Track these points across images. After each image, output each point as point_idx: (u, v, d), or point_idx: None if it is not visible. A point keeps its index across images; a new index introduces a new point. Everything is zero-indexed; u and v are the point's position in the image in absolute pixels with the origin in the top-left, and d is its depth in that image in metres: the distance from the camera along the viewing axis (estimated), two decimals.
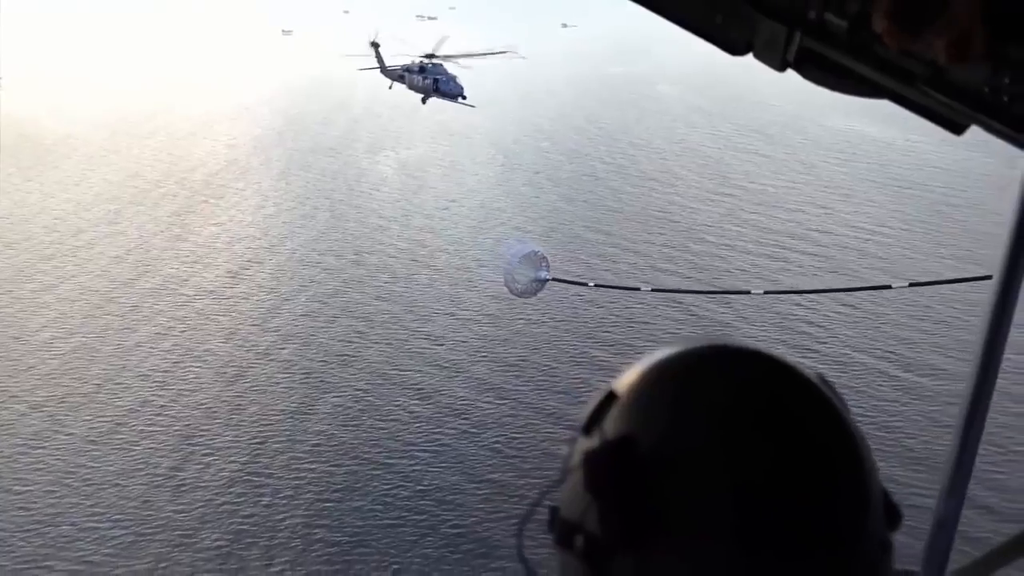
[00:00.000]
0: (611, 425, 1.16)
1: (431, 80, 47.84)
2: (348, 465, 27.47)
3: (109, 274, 40.19)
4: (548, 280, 19.82)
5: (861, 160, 63.31)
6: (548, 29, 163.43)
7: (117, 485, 26.16)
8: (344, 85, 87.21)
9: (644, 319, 36.61)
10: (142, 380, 32.00)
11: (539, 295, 23.84)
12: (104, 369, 32.56)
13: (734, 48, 1.89)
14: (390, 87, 50.64)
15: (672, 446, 1.09)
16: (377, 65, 50.49)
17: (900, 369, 33.23)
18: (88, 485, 26.10)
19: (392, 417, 30.08)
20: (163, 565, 23.16)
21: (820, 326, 36.15)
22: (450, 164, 60.58)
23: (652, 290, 37.37)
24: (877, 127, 73.62)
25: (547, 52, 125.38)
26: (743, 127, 74.19)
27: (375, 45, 49.72)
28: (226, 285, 39.64)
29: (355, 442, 28.69)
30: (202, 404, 30.54)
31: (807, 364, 1.19)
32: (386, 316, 37.41)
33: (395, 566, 23.24)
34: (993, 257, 2.16)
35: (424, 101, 49.90)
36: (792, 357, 1.18)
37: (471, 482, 26.69)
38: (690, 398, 1.13)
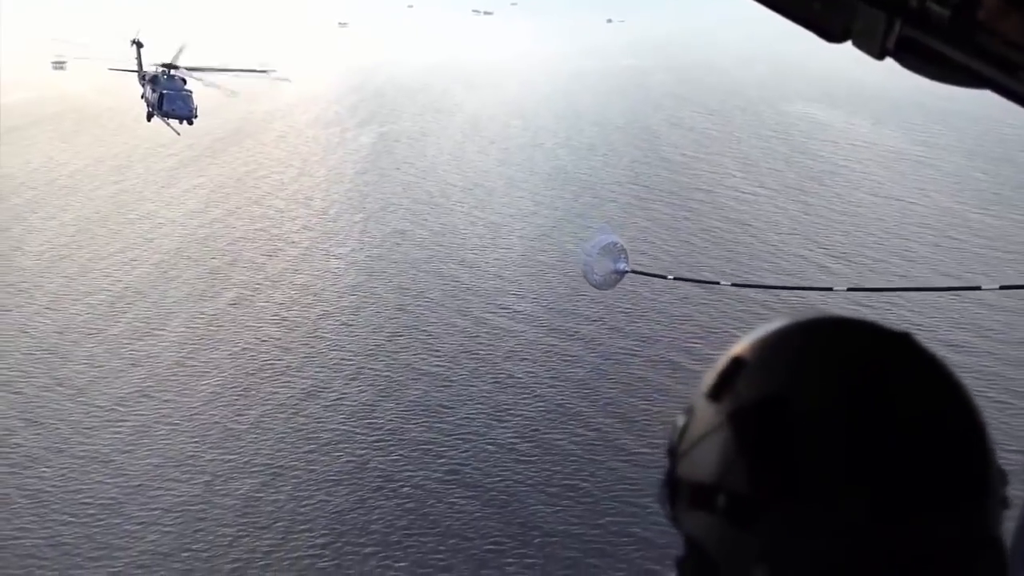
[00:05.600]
0: (747, 388, 1.22)
1: (158, 95, 40.92)
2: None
3: (105, 207, 52.12)
4: (627, 272, 19.62)
5: (788, 138, 70.56)
6: (592, 24, 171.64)
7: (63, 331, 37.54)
8: (367, 71, 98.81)
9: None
10: (112, 282, 43.49)
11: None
12: (85, 272, 44.14)
13: (831, 34, 1.88)
14: (142, 95, 43.20)
15: (818, 404, 1.16)
16: (136, 68, 43.59)
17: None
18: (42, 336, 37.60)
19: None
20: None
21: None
22: (420, 136, 70.61)
23: (732, 284, 37.98)
24: (827, 112, 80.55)
25: (576, 46, 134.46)
26: (702, 108, 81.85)
27: (137, 44, 43.27)
28: (189, 217, 51.05)
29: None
30: (141, 294, 41.78)
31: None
32: (310, 243, 48.07)
33: None
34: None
35: (149, 118, 42.80)
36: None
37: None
38: (829, 360, 1.21)
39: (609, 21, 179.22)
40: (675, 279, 36.68)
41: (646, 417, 30.46)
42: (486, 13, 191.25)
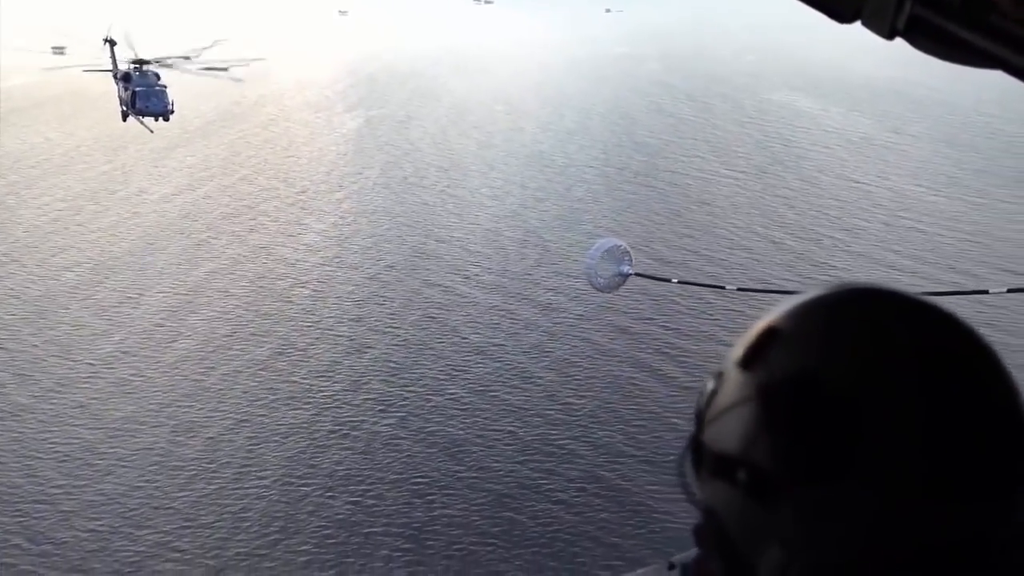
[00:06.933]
0: (780, 360, 1.16)
1: (131, 92, 40.25)
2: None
3: (96, 184, 54.80)
4: (631, 275, 19.44)
5: (763, 124, 72.53)
6: (590, 14, 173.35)
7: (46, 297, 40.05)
8: (362, 58, 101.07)
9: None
10: (100, 252, 46.05)
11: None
12: (74, 243, 46.71)
13: (842, 15, 1.85)
14: (119, 95, 42.53)
15: (856, 383, 1.09)
16: (111, 68, 42.78)
17: None
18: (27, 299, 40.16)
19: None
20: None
21: None
22: (405, 120, 72.92)
23: (737, 289, 37.99)
24: (807, 100, 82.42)
25: (572, 35, 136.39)
26: (685, 95, 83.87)
27: (110, 43, 42.08)
28: (176, 194, 53.65)
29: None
30: (126, 263, 44.30)
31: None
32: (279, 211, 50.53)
33: None
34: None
35: (124, 117, 42.26)
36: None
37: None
38: (870, 336, 1.13)
39: (608, 11, 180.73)
40: (679, 282, 36.89)
41: (580, 372, 32.86)
42: (487, 2, 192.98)
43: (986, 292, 33.39)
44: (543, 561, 22.09)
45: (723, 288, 38.39)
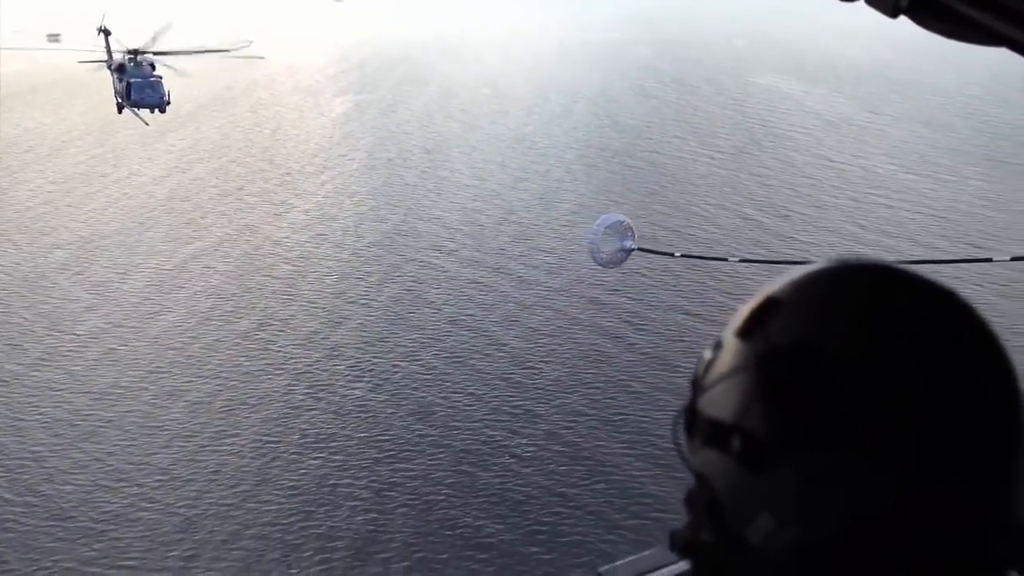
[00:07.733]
0: (779, 330, 1.17)
1: (126, 84, 39.65)
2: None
3: (88, 166, 56.29)
4: (634, 250, 19.60)
5: (744, 106, 73.61)
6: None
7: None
8: (355, 45, 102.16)
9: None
10: (91, 232, 47.46)
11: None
12: (66, 223, 48.15)
13: None
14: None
15: (852, 356, 1.09)
16: (105, 58, 41.66)
17: None
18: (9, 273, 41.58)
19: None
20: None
21: None
22: (392, 104, 74.10)
23: (740, 260, 38.02)
24: (791, 83, 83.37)
25: (566, 20, 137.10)
26: (670, 79, 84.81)
27: (104, 32, 40.83)
28: (166, 175, 55.06)
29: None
30: (116, 242, 45.70)
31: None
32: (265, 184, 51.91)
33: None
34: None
35: (119, 110, 41.56)
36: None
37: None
38: (870, 311, 1.13)
39: None
40: (682, 256, 37.06)
41: (548, 340, 34.33)
42: None
43: (990, 260, 34.54)
44: (492, 508, 23.57)
45: (726, 260, 38.69)
